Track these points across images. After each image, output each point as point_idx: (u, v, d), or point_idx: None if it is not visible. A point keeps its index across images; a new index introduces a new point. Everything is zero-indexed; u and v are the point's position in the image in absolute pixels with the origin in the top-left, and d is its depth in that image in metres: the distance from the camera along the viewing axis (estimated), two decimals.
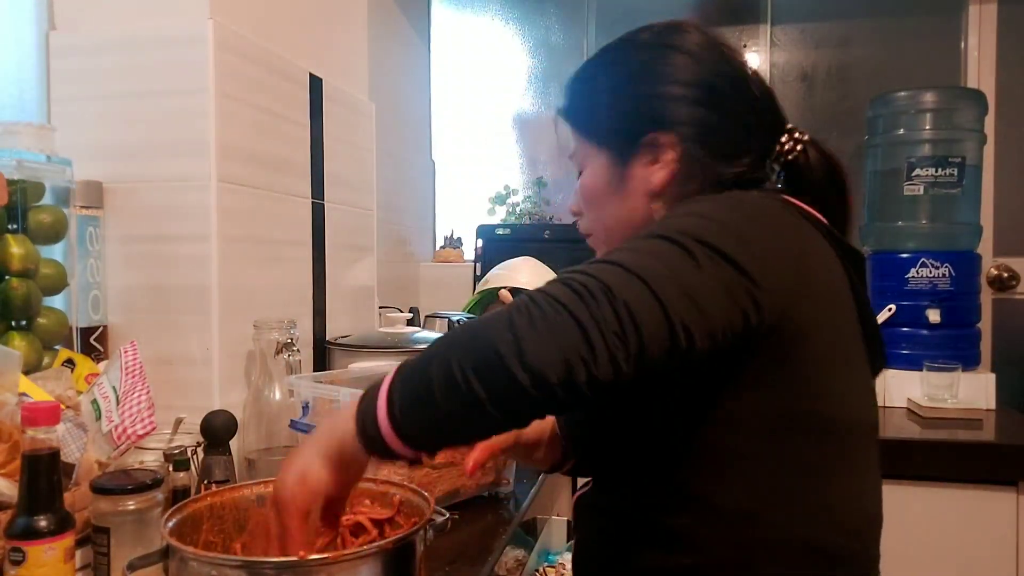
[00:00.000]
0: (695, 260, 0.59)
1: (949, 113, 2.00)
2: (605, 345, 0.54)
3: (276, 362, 1.20)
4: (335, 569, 0.62)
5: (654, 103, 0.78)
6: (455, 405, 0.57)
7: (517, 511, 1.11)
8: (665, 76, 0.79)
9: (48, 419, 0.72)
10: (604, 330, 0.54)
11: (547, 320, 0.55)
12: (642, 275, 0.57)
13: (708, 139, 0.77)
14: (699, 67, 0.80)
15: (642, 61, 0.80)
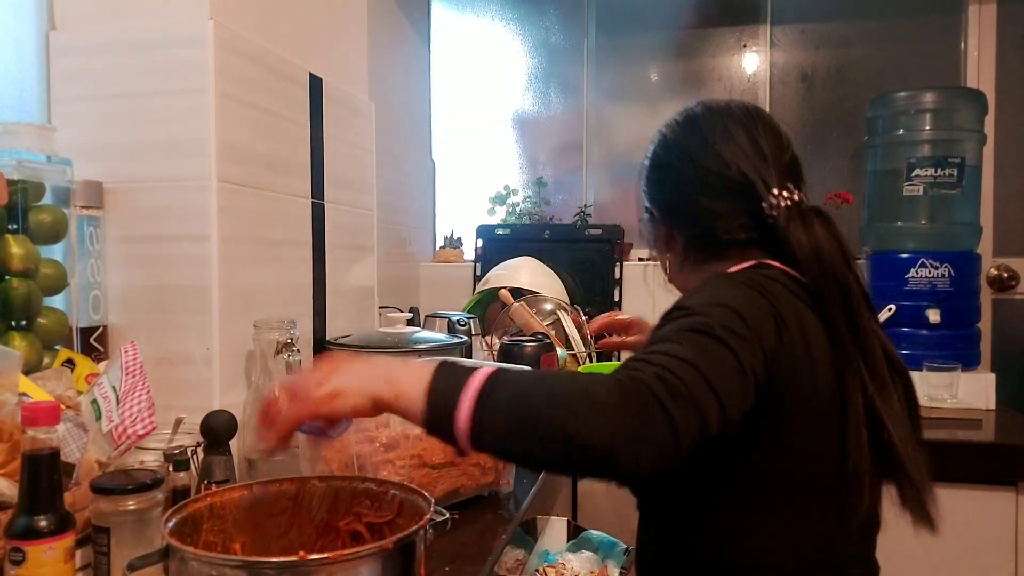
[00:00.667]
0: (737, 360, 0.71)
1: (949, 113, 2.00)
2: (688, 446, 0.65)
3: (276, 362, 1.19)
4: (335, 569, 0.62)
5: (687, 192, 0.95)
6: (538, 452, 0.66)
7: (517, 511, 1.11)
8: (705, 169, 0.93)
9: (48, 419, 0.72)
10: (689, 434, 0.65)
11: (650, 419, 0.64)
12: (711, 382, 0.68)
13: (695, 225, 0.95)
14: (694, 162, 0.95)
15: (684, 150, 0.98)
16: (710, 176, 0.91)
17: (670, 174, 0.97)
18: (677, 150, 0.96)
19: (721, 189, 0.90)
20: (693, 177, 0.93)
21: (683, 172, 0.94)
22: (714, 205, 0.91)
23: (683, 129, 0.98)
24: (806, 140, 2.50)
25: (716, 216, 0.91)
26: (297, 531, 0.80)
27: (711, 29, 2.57)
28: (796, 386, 0.78)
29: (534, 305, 2.02)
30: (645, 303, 2.38)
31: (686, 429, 0.64)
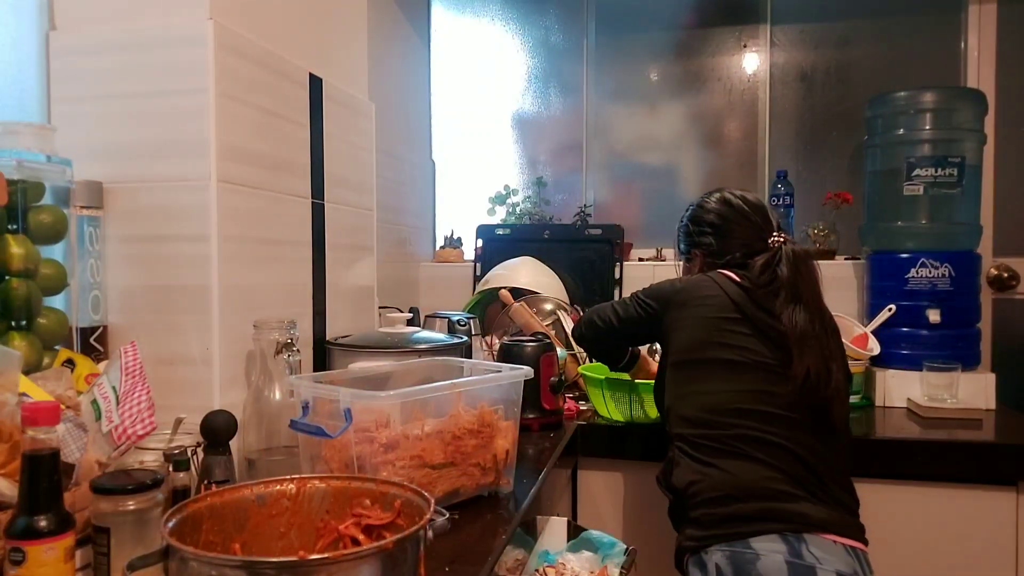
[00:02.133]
0: (618, 310, 1.56)
1: (949, 113, 2.00)
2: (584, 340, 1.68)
3: (276, 362, 1.20)
4: (335, 569, 0.62)
5: (693, 240, 1.58)
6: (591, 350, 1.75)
7: (517, 511, 1.11)
8: (701, 224, 1.56)
9: (48, 419, 0.72)
10: (586, 337, 1.66)
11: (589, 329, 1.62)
12: (600, 318, 1.59)
13: (713, 253, 1.53)
14: (714, 217, 1.55)
15: (705, 220, 1.56)
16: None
17: (693, 227, 1.59)
18: (706, 218, 1.56)
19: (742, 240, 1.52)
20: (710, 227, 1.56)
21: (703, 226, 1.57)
22: (732, 247, 1.52)
23: (700, 207, 1.60)
24: (806, 140, 2.50)
25: (725, 252, 1.52)
26: (297, 531, 0.80)
27: (711, 29, 2.57)
28: (683, 318, 1.42)
29: (534, 305, 2.02)
30: None
31: (585, 339, 1.65)
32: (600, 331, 1.56)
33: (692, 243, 1.58)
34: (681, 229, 1.62)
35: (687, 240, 1.60)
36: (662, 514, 1.47)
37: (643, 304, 1.49)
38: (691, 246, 1.58)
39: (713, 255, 1.52)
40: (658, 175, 2.66)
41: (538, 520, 1.47)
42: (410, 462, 1.01)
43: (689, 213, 1.60)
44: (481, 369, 1.26)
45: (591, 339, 1.62)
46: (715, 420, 1.32)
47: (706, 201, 1.57)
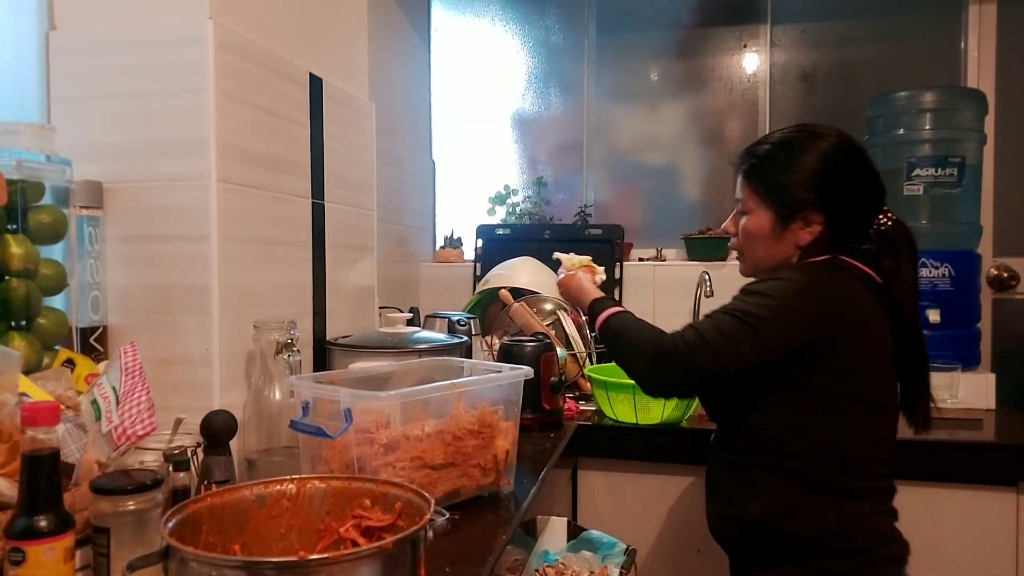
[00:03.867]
0: (754, 332, 1.10)
1: (949, 113, 2.00)
2: (691, 373, 1.14)
3: (276, 362, 1.19)
4: (335, 569, 0.62)
5: (819, 193, 1.17)
6: (620, 357, 1.25)
7: (517, 511, 1.11)
8: (822, 174, 1.18)
9: (48, 419, 0.72)
10: (697, 377, 1.14)
11: (660, 367, 1.16)
12: (712, 345, 1.10)
13: (837, 222, 1.18)
14: (838, 170, 1.18)
15: (822, 165, 1.18)
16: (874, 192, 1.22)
17: (844, 182, 1.19)
18: (851, 162, 1.19)
19: (874, 206, 1.22)
20: (838, 182, 1.19)
21: (857, 182, 1.20)
22: (858, 222, 1.21)
23: (848, 149, 1.19)
24: None
25: (850, 229, 1.20)
26: (297, 532, 0.80)
27: (711, 28, 2.57)
28: (841, 339, 1.11)
29: (534, 305, 2.01)
30: (646, 302, 2.38)
31: (688, 376, 1.12)
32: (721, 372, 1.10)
33: (812, 202, 1.16)
34: (789, 169, 1.17)
35: (802, 192, 1.16)
36: (662, 514, 1.47)
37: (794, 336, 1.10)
38: (808, 206, 1.17)
39: (837, 231, 1.18)
40: (658, 175, 2.66)
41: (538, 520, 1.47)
42: (410, 463, 1.01)
43: (815, 151, 1.17)
44: (481, 369, 1.26)
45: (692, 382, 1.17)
46: (867, 470, 1.16)
47: (839, 142, 1.18)
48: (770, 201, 1.20)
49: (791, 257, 1.21)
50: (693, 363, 1.09)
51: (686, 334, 1.12)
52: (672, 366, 1.12)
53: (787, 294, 1.11)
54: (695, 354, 1.09)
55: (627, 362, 1.20)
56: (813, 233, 1.18)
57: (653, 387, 1.18)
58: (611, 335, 1.24)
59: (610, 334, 1.24)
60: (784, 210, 1.19)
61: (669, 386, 1.18)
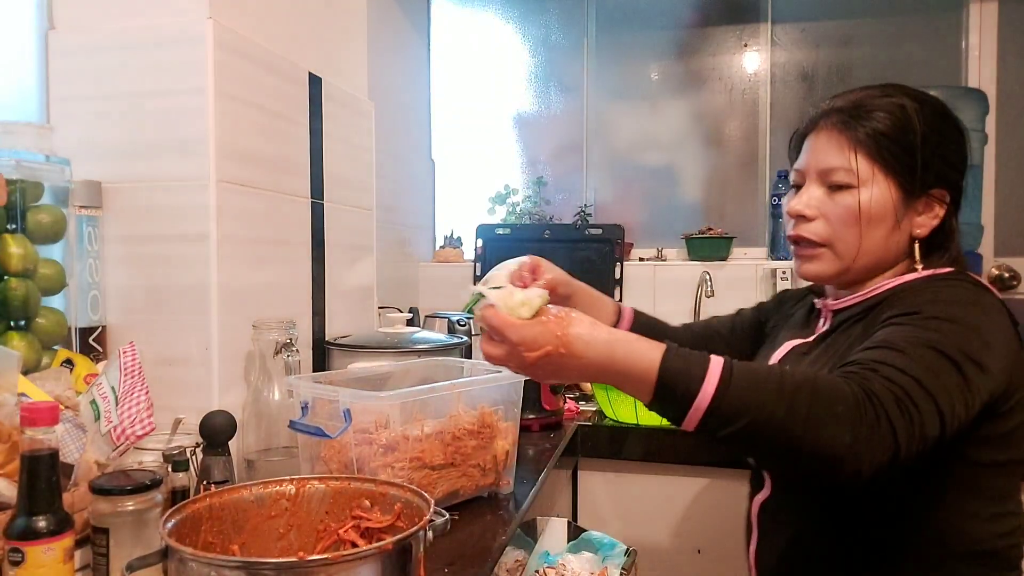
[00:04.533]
0: (967, 381, 0.77)
1: None
2: (904, 461, 0.72)
3: (275, 362, 1.19)
4: (335, 570, 0.62)
5: (947, 166, 0.93)
6: (770, 450, 0.74)
7: (517, 512, 1.11)
8: (956, 147, 0.95)
9: (47, 419, 0.72)
10: (909, 453, 0.72)
11: (881, 439, 0.71)
12: (940, 404, 0.74)
13: (959, 209, 0.96)
14: (966, 147, 0.96)
15: (954, 135, 0.95)
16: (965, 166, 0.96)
17: (960, 149, 0.95)
18: (957, 131, 0.96)
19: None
20: (964, 159, 0.96)
21: (962, 154, 0.96)
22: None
23: (944, 116, 0.96)
24: None
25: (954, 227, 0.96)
26: (296, 532, 0.80)
27: (712, 28, 2.57)
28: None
29: None
30: (646, 303, 2.38)
31: (908, 448, 0.71)
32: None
33: (945, 177, 0.93)
34: (923, 131, 0.91)
35: (938, 162, 0.92)
36: (662, 515, 1.47)
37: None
38: (939, 182, 0.93)
39: (951, 225, 0.95)
40: (659, 174, 2.66)
41: (538, 521, 1.47)
42: (410, 463, 1.00)
43: (949, 117, 0.95)
44: (481, 369, 1.26)
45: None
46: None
47: (948, 110, 0.95)
48: (897, 170, 0.91)
49: (899, 257, 0.95)
50: (922, 428, 0.73)
51: (893, 378, 0.73)
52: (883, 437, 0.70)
53: (994, 319, 0.84)
54: (922, 412, 0.73)
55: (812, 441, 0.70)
56: (935, 220, 0.93)
57: (862, 466, 0.70)
58: (749, 395, 0.72)
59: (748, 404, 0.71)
60: (911, 184, 0.91)
61: (880, 463, 0.71)
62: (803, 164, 0.99)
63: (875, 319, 0.87)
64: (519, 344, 0.74)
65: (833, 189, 0.94)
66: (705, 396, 0.71)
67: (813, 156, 0.97)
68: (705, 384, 0.71)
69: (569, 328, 0.74)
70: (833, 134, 0.95)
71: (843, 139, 0.94)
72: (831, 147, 0.95)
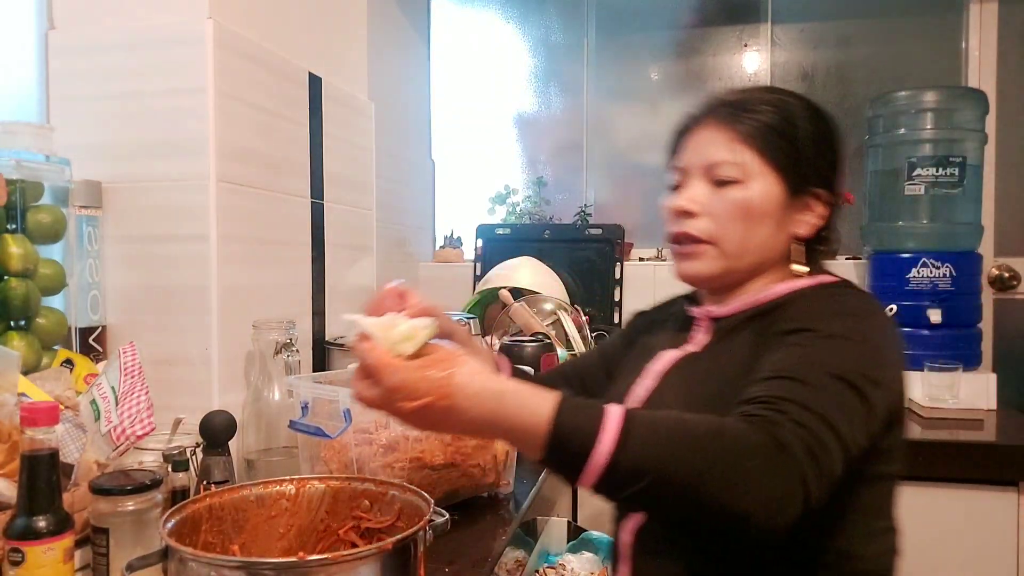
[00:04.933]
0: (870, 408, 0.73)
1: (950, 113, 2.00)
2: (810, 508, 0.67)
3: (275, 362, 1.19)
4: (335, 570, 0.62)
5: (828, 166, 0.91)
6: (675, 510, 0.68)
7: (517, 512, 1.11)
8: (836, 148, 0.93)
9: (47, 419, 0.72)
10: (819, 499, 0.67)
11: (792, 494, 0.65)
12: (846, 441, 0.70)
13: (837, 201, 0.92)
14: (843, 149, 0.94)
15: (833, 138, 0.93)
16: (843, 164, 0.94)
17: (839, 153, 0.93)
18: (836, 135, 0.93)
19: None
20: (841, 160, 0.94)
21: (840, 158, 0.93)
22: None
23: (825, 119, 0.93)
24: None
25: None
26: (296, 532, 0.80)
27: (711, 28, 2.56)
28: (904, 399, 0.85)
29: (534, 305, 2.01)
30: (646, 303, 2.38)
31: (817, 494, 0.67)
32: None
33: (826, 177, 0.90)
34: (804, 127, 0.89)
35: (819, 159, 0.90)
36: None
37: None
38: (821, 181, 0.90)
39: (830, 226, 0.92)
40: (659, 175, 2.63)
41: (538, 521, 1.47)
42: (410, 463, 1.00)
43: (822, 118, 0.91)
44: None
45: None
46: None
47: (827, 114, 0.92)
48: (783, 164, 0.87)
49: (780, 258, 0.91)
50: (831, 471, 0.68)
51: (802, 420, 0.68)
52: (795, 493, 0.65)
53: (886, 331, 0.81)
54: (832, 455, 0.68)
55: (722, 500, 0.64)
56: (818, 219, 0.90)
57: (775, 523, 0.65)
58: (652, 461, 0.65)
59: (650, 461, 0.65)
60: (796, 180, 0.88)
61: (794, 516, 0.66)
62: (685, 161, 0.96)
63: (766, 330, 0.81)
64: (396, 390, 0.66)
65: (719, 184, 0.89)
66: (600, 454, 0.64)
67: (697, 151, 0.93)
68: (600, 441, 0.64)
69: (455, 376, 0.65)
70: (719, 128, 0.91)
71: (730, 133, 0.89)
72: (717, 141, 0.90)
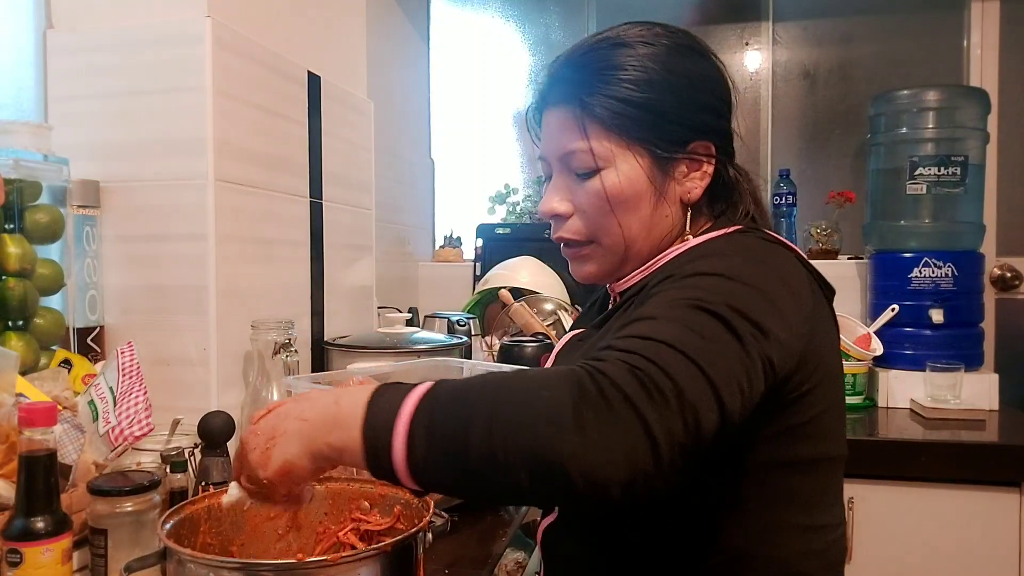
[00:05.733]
0: (742, 343, 0.59)
1: (952, 112, 1.99)
2: (671, 459, 0.52)
3: (274, 362, 1.19)
4: (334, 571, 0.61)
5: (703, 112, 0.77)
6: (491, 481, 0.54)
7: (517, 514, 1.11)
8: (710, 86, 0.79)
9: (45, 420, 0.72)
10: (674, 443, 0.52)
11: (615, 423, 0.51)
12: (706, 371, 0.55)
13: (732, 157, 0.80)
14: (724, 82, 0.80)
15: (704, 72, 0.78)
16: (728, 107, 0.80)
17: (716, 87, 0.78)
18: (708, 67, 0.79)
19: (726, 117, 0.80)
20: (722, 97, 0.79)
21: (718, 92, 0.79)
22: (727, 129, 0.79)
23: (689, 52, 0.79)
24: (808, 138, 2.49)
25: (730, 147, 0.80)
26: (295, 534, 0.79)
27: (713, 26, 2.56)
28: (825, 368, 0.71)
29: (534, 305, 2.01)
30: None
31: (667, 436, 0.51)
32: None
33: (699, 125, 0.77)
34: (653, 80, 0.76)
35: (685, 111, 0.77)
36: None
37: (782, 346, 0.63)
38: (697, 133, 0.77)
39: (725, 177, 0.80)
40: None
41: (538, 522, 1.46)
42: None
43: (679, 51, 0.79)
44: (481, 370, 1.25)
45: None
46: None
47: (691, 38, 0.81)
48: (642, 137, 0.75)
49: (675, 231, 0.79)
50: (693, 411, 0.53)
51: (632, 347, 0.56)
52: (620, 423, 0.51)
53: (787, 280, 0.68)
54: (682, 385, 0.53)
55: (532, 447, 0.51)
56: (705, 178, 0.78)
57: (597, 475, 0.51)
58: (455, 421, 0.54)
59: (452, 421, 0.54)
60: (663, 147, 0.75)
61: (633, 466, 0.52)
62: (543, 150, 0.83)
63: (647, 293, 0.70)
64: (241, 453, 0.62)
65: (580, 176, 0.78)
66: (408, 412, 0.54)
67: (550, 140, 0.81)
68: (396, 431, 0.54)
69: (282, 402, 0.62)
70: (564, 110, 0.79)
71: (575, 114, 0.77)
72: (564, 127, 0.78)
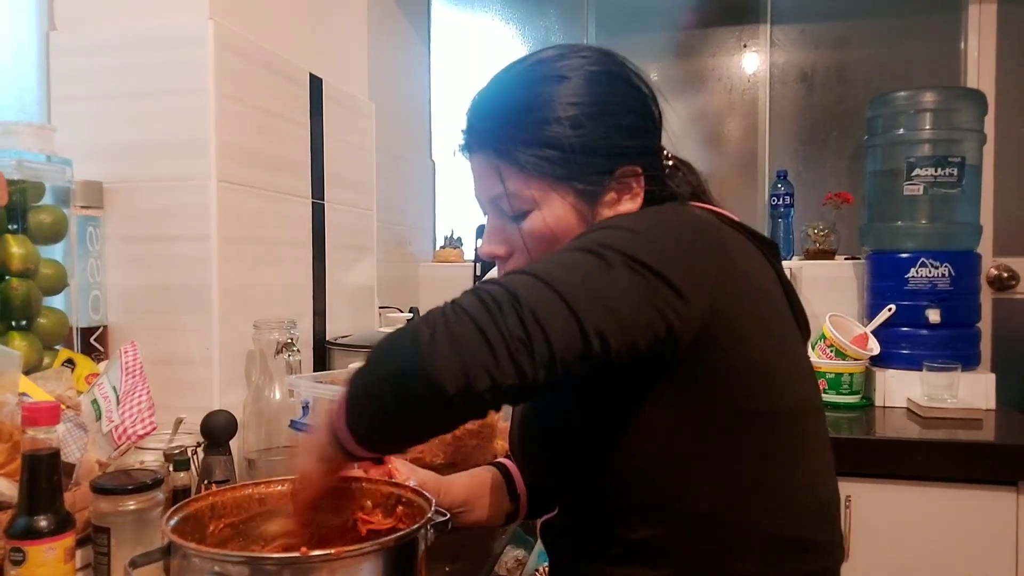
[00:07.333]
0: (611, 269, 0.60)
1: (949, 113, 2.00)
2: (508, 353, 0.55)
3: (276, 362, 1.19)
4: (337, 566, 0.62)
5: (625, 138, 0.77)
6: (382, 414, 0.62)
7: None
8: (631, 108, 0.79)
9: (48, 419, 0.72)
10: (508, 337, 0.56)
11: (450, 330, 0.57)
12: (554, 284, 0.58)
13: (657, 167, 0.80)
14: (645, 98, 0.81)
15: (605, 94, 0.77)
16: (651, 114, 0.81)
17: (637, 105, 0.79)
18: (624, 87, 0.79)
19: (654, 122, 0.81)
20: (644, 115, 0.80)
21: (641, 110, 0.79)
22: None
23: (603, 79, 0.78)
24: (806, 140, 2.50)
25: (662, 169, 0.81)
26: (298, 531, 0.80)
27: (711, 29, 2.57)
28: (756, 321, 0.70)
29: None
30: None
31: (500, 335, 0.55)
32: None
33: (622, 150, 0.76)
34: (568, 113, 0.75)
35: (606, 140, 0.76)
36: None
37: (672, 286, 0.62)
38: (620, 159, 0.76)
39: (657, 183, 0.79)
40: None
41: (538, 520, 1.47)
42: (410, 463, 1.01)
43: (585, 76, 0.77)
44: None
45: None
46: (827, 534, 0.75)
47: (601, 54, 0.79)
48: (564, 175, 0.75)
49: None
50: (528, 305, 0.56)
51: (495, 281, 0.62)
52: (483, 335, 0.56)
53: (697, 239, 0.68)
54: (526, 293, 0.57)
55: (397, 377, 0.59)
56: (637, 198, 0.77)
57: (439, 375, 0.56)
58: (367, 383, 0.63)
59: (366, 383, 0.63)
60: (588, 180, 0.75)
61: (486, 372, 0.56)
62: (475, 191, 0.87)
63: None
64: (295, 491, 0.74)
65: (512, 218, 0.80)
66: (343, 404, 0.64)
67: (478, 183, 0.85)
68: (339, 424, 0.65)
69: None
70: (483, 157, 0.83)
71: (493, 162, 0.81)
72: (485, 175, 0.83)
